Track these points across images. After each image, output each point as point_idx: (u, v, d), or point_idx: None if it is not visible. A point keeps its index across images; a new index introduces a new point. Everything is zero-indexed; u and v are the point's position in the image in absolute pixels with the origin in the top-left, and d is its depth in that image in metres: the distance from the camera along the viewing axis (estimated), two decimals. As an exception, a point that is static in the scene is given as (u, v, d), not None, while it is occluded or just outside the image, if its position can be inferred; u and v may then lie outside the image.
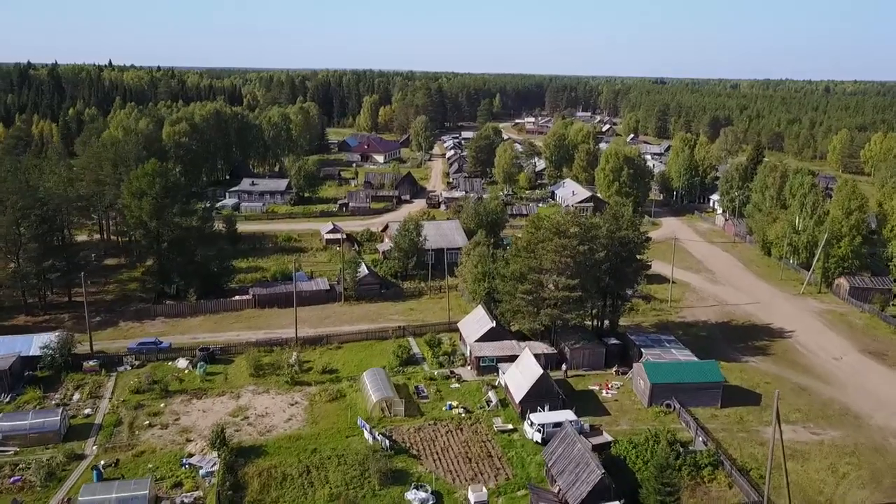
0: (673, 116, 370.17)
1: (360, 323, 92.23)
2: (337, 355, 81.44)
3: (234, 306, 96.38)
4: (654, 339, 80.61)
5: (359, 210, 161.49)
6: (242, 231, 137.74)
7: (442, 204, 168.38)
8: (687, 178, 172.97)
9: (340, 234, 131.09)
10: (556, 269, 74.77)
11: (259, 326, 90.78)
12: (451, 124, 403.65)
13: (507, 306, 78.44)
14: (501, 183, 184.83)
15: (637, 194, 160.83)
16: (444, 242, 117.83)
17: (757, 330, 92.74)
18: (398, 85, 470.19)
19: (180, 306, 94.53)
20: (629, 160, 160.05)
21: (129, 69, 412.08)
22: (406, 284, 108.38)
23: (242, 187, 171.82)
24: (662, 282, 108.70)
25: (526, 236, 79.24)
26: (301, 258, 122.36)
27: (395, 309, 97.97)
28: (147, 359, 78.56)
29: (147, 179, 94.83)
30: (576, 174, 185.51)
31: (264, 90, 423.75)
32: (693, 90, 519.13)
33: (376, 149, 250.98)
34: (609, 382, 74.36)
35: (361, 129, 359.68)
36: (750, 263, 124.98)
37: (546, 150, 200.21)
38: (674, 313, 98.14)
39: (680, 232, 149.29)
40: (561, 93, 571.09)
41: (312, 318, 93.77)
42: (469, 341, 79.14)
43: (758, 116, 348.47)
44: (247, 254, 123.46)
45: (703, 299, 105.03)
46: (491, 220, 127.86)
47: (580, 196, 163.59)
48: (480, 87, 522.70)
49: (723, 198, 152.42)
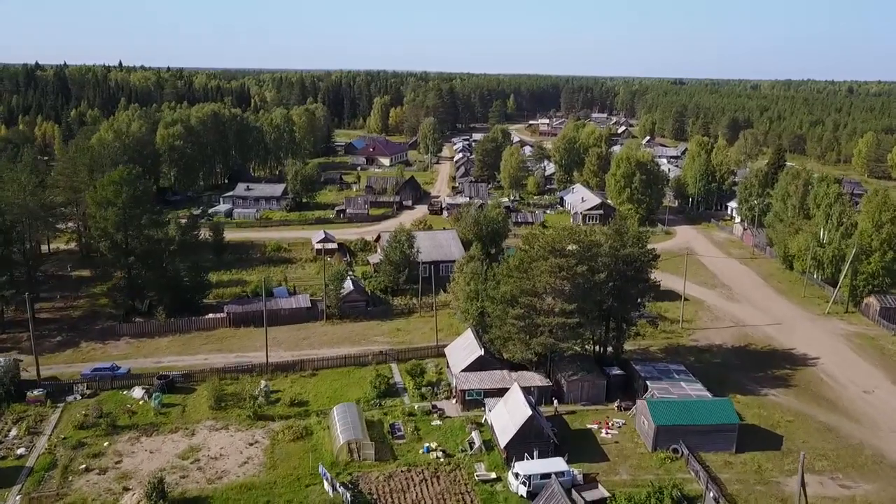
0: (691, 118, 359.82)
1: (341, 345, 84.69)
2: (310, 384, 73.91)
3: (207, 325, 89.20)
4: (662, 370, 72.27)
5: (356, 217, 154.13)
6: (231, 239, 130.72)
7: (444, 210, 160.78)
8: (703, 184, 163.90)
9: (331, 244, 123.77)
10: (551, 291, 66.70)
11: (231, 348, 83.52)
12: (462, 126, 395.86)
13: (496, 332, 70.53)
14: (507, 188, 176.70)
15: (650, 201, 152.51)
16: (440, 254, 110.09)
17: (777, 356, 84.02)
18: (411, 86, 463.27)
19: (148, 325, 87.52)
20: (641, 165, 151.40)
21: (137, 70, 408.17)
22: (396, 300, 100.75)
23: (237, 192, 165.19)
24: (675, 298, 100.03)
25: (519, 254, 71.19)
26: (288, 270, 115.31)
27: (382, 329, 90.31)
28: (101, 387, 71.48)
29: (113, 188, 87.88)
30: (586, 179, 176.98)
31: (275, 91, 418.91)
32: (712, 91, 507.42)
33: (382, 151, 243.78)
34: (609, 420, 66.19)
35: (372, 131, 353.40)
36: (770, 278, 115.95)
37: (555, 154, 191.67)
38: (685, 336, 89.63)
39: (695, 242, 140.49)
40: (577, 93, 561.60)
41: (289, 339, 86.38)
42: (455, 370, 71.31)
43: (779, 118, 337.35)
44: (231, 265, 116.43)
45: (719, 319, 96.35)
46: (491, 230, 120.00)
47: (590, 203, 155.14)
48: (494, 88, 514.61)
49: (741, 206, 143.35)
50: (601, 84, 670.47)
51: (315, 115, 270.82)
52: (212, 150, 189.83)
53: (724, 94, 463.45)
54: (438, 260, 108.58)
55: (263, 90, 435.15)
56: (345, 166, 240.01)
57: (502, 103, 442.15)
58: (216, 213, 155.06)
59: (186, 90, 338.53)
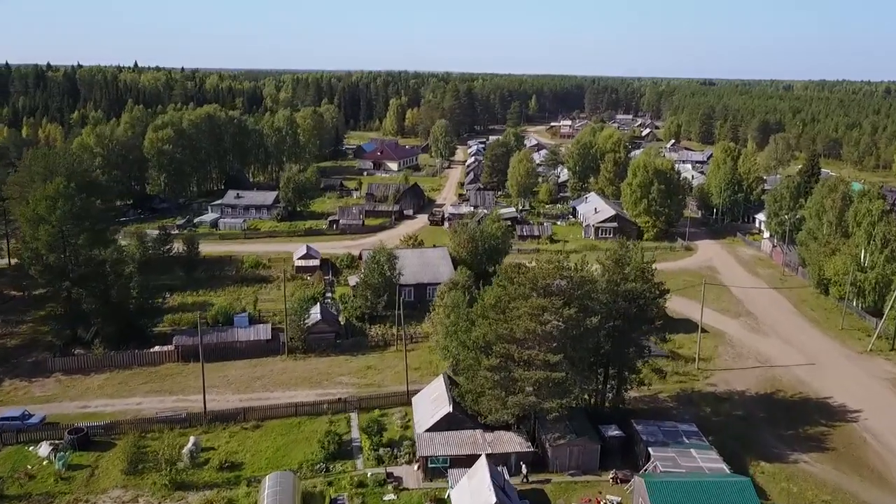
0: (718, 120, 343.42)
1: (299, 387, 73.41)
2: (251, 439, 62.73)
3: (152, 360, 78.55)
4: (669, 431, 59.82)
5: (350, 228, 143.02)
6: (208, 254, 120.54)
7: (446, 221, 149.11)
8: (729, 194, 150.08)
9: (313, 260, 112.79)
10: (533, 339, 54.67)
11: (173, 389, 72.72)
12: (480, 128, 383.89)
13: (468, 385, 58.63)
14: (515, 197, 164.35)
15: (669, 213, 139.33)
16: (428, 275, 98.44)
17: (811, 407, 71.05)
18: (431, 87, 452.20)
19: (83, 359, 77.06)
20: (660, 174, 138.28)
21: (148, 71, 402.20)
22: (374, 329, 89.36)
23: (226, 200, 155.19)
24: (691, 329, 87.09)
25: (496, 290, 59.23)
26: (262, 291, 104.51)
27: (350, 366, 78.88)
28: (5, 440, 61.05)
29: (46, 204, 77.50)
30: (601, 187, 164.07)
31: (291, 92, 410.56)
32: (742, 91, 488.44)
33: (390, 155, 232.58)
34: (602, 498, 54.05)
35: (387, 133, 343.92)
36: (802, 305, 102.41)
37: (569, 160, 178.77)
38: (702, 379, 76.92)
39: (717, 259, 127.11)
40: (601, 94, 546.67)
41: (241, 378, 75.39)
42: (418, 429, 59.64)
43: (812, 121, 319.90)
44: (201, 284, 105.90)
45: (741, 357, 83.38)
46: (489, 248, 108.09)
47: (603, 214, 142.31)
48: (516, 89, 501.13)
49: (770, 220, 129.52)
50: (627, 85, 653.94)
51: (323, 117, 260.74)
52: (206, 154, 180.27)
53: (754, 95, 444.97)
54: (426, 282, 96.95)
55: (281, 91, 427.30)
56: (351, 171, 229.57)
57: (522, 104, 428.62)
58: (201, 222, 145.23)
59: (196, 91, 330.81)
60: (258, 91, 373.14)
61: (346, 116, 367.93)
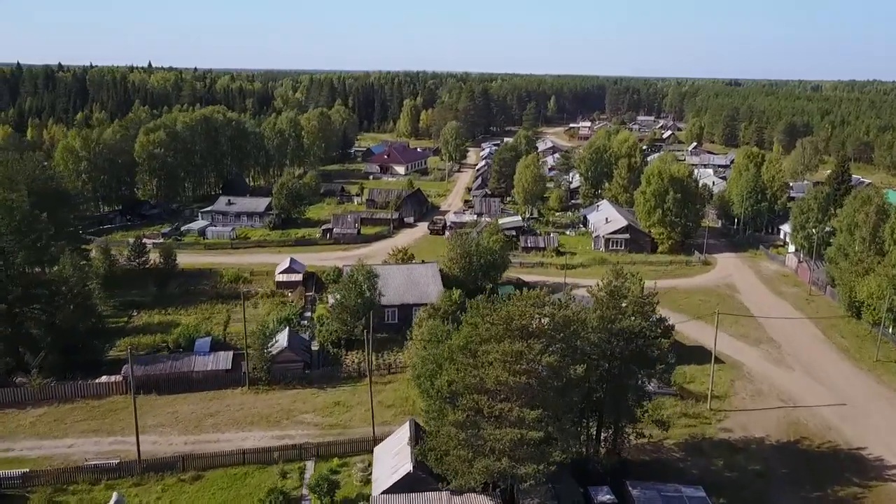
0: (743, 122, 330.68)
1: (255, 427, 65.10)
2: (186, 495, 54.43)
3: (98, 391, 70.65)
4: (671, 498, 50.51)
5: (344, 237, 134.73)
6: (188, 266, 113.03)
7: (447, 229, 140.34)
8: (751, 202, 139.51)
9: (296, 275, 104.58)
10: (506, 391, 45.71)
11: (113, 429, 64.66)
12: (496, 129, 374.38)
13: (432, 441, 49.75)
14: (521, 205, 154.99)
15: (685, 224, 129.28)
16: (414, 295, 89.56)
17: (841, 461, 61.19)
18: (448, 87, 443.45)
19: (19, 391, 69.35)
20: (676, 181, 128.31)
21: (158, 71, 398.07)
22: (351, 357, 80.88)
23: (217, 207, 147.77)
24: (704, 359, 77.15)
25: (465, 330, 50.26)
26: (237, 309, 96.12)
27: (316, 402, 70.39)
28: None
29: (-19, 217, 70.05)
30: (614, 195, 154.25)
31: (306, 93, 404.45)
32: (768, 92, 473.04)
33: (397, 159, 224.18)
34: (586, 584, 44.98)
35: (401, 135, 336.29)
36: (831, 331, 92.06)
37: (581, 165, 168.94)
38: (714, 422, 67.36)
39: (738, 275, 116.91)
40: (622, 95, 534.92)
41: (193, 415, 67.22)
42: (375, 489, 50.95)
43: (842, 123, 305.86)
44: (172, 301, 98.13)
45: (761, 396, 73.56)
46: (485, 264, 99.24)
47: (615, 224, 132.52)
48: (535, 89, 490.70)
49: (796, 233, 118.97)
50: (651, 85, 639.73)
51: (330, 119, 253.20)
52: (202, 158, 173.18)
53: (780, 96, 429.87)
54: (411, 302, 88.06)
55: (296, 92, 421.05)
56: (358, 174, 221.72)
57: (540, 105, 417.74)
58: (188, 230, 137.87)
59: (206, 92, 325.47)
60: (269, 92, 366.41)
61: (359, 118, 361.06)
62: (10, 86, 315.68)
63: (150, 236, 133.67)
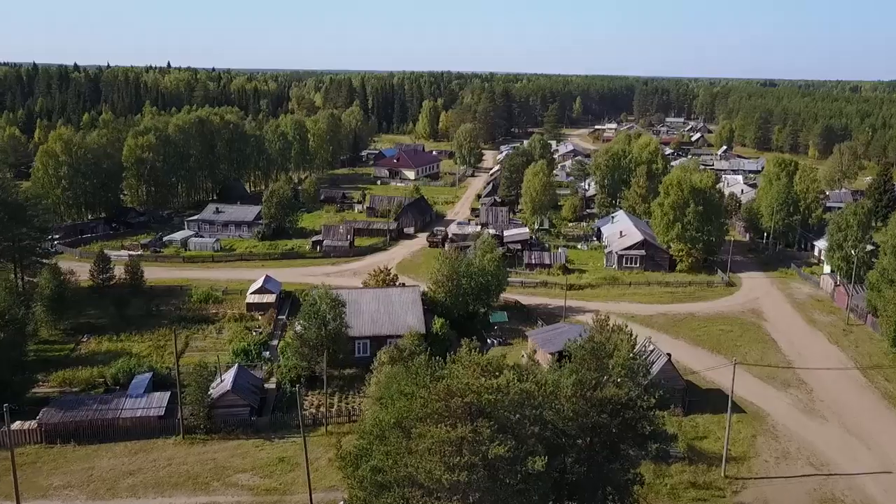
0: (777, 125, 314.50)
1: (178, 491, 55.03)
2: (69, 588, 44.58)
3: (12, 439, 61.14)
4: None
5: (334, 250, 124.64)
6: (158, 282, 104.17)
7: (446, 241, 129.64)
8: (782, 216, 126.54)
9: (269, 295, 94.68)
10: (441, 489, 34.90)
11: (10, 492, 55.00)
12: (518, 131, 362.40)
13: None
14: (529, 216, 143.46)
15: (709, 239, 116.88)
16: (388, 326, 78.88)
17: (887, 554, 49.32)
18: (472, 87, 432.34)
19: (-84, 441, 60.25)
20: (698, 192, 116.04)
21: (173, 71, 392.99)
22: (311, 398, 70.66)
23: (204, 216, 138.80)
24: (720, 407, 65.49)
25: (399, 404, 39.44)
26: (200, 334, 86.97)
27: (258, 457, 60.15)
28: None
29: None
30: (632, 205, 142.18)
31: (325, 94, 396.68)
32: (804, 93, 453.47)
33: (407, 163, 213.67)
34: None
35: (420, 137, 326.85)
36: (873, 372, 79.44)
37: (597, 171, 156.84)
38: (728, 493, 55.70)
39: (766, 299, 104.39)
40: (651, 96, 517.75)
41: (111, 473, 57.31)
42: None
43: (883, 126, 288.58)
44: (132, 324, 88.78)
45: (788, 458, 61.59)
46: (476, 287, 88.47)
47: (629, 239, 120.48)
48: (560, 90, 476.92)
49: (832, 252, 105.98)
50: (682, 85, 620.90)
51: (340, 120, 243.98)
52: (196, 162, 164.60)
53: (817, 98, 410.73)
54: (385, 334, 77.39)
55: (317, 93, 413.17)
56: (366, 179, 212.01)
57: (563, 106, 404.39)
58: (171, 241, 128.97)
59: (219, 92, 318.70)
60: (285, 92, 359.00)
61: (378, 119, 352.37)
62: (24, 86, 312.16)
63: (129, 247, 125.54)
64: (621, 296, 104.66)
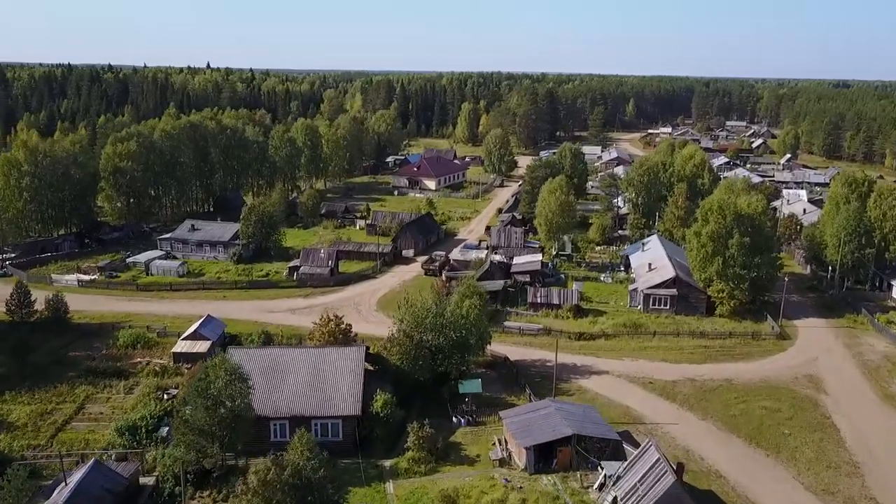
0: (849, 130, 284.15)
1: None
2: None
3: None
4: None
5: (311, 278, 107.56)
6: (90, 318, 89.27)
7: (444, 269, 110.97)
8: (852, 248, 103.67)
9: (203, 342, 77.98)
10: None
11: None
12: (563, 134, 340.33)
13: None
14: (545, 239, 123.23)
15: (759, 276, 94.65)
16: (315, 404, 60.56)
17: None
18: (522, 88, 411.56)
19: None
20: (744, 220, 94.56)
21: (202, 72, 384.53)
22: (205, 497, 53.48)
23: (178, 234, 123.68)
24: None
25: None
26: (103, 394, 70.81)
27: None
28: None
29: None
30: (668, 228, 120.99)
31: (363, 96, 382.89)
32: (881, 96, 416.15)
33: (428, 171, 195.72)
34: None
35: (458, 141, 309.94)
36: (975, 485, 57.52)
37: (629, 189, 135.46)
38: None
39: (826, 360, 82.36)
40: (711, 98, 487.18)
41: None
42: None
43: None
44: (30, 377, 73.24)
45: None
46: (447, 344, 69.92)
47: (659, 275, 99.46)
48: (612, 91, 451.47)
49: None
50: (748, 87, 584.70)
51: (363, 124, 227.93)
52: (184, 171, 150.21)
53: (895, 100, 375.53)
54: (310, 414, 59.43)
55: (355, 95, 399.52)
56: (384, 189, 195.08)
57: (614, 108, 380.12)
58: (135, 262, 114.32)
59: (248, 94, 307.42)
60: (317, 94, 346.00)
61: (417, 122, 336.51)
62: (52, 87, 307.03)
63: (85, 269, 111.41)
64: (642, 350, 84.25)
